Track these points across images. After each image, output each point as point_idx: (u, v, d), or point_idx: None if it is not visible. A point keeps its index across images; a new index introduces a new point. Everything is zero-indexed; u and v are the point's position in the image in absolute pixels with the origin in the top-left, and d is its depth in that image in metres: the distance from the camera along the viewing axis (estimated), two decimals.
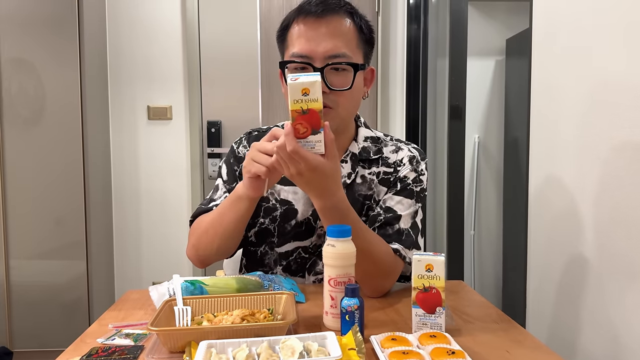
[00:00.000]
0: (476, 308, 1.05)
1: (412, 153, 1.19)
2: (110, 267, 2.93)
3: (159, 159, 2.96)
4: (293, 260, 1.18)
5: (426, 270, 0.87)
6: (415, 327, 0.88)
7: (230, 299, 0.93)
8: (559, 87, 1.26)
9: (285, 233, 1.17)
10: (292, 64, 1.07)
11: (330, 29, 1.05)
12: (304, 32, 1.06)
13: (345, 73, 1.06)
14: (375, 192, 1.16)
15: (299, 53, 1.05)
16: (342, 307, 0.85)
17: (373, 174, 1.16)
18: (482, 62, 2.92)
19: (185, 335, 0.79)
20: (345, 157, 1.17)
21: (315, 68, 1.04)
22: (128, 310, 1.02)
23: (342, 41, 1.05)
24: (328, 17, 1.05)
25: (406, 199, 1.14)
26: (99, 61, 2.79)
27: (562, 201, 1.25)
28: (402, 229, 1.11)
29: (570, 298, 1.21)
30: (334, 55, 1.04)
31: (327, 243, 0.90)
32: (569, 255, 1.21)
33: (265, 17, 2.99)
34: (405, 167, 1.17)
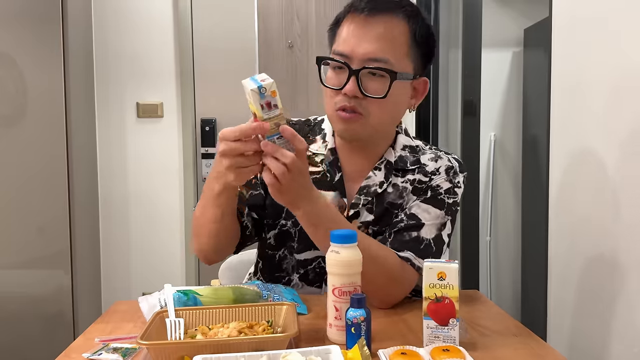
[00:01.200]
0: (493, 320, 1.05)
1: (450, 163, 1.18)
2: (97, 277, 2.93)
3: (149, 160, 2.97)
4: (312, 269, 1.19)
5: (438, 278, 0.87)
6: (426, 341, 0.88)
7: (227, 310, 0.93)
8: (581, 80, 1.26)
9: (307, 239, 1.14)
10: (328, 61, 1.08)
11: (377, 31, 1.05)
12: (351, 30, 1.07)
13: (382, 80, 1.05)
14: (406, 200, 1.16)
15: (339, 51, 1.07)
16: (347, 319, 0.85)
17: (407, 181, 1.16)
18: (498, 54, 2.92)
19: (178, 349, 0.79)
20: (380, 165, 1.17)
21: (350, 69, 1.04)
22: (116, 323, 1.02)
23: (388, 46, 1.05)
24: (378, 17, 1.05)
25: (434, 209, 1.13)
26: (85, 55, 2.80)
27: (585, 204, 1.25)
28: (422, 238, 1.11)
29: (595, 309, 1.21)
30: (374, 59, 1.04)
31: (330, 249, 0.91)
32: (593, 263, 1.21)
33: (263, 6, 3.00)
34: (440, 177, 1.16)
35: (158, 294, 1.00)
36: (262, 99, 0.88)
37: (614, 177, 1.13)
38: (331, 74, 1.09)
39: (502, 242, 3.01)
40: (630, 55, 1.08)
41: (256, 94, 0.88)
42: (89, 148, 2.84)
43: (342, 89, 1.05)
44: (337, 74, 1.08)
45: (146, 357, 0.82)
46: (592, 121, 1.22)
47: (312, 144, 1.20)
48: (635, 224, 1.06)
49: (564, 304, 1.35)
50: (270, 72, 1.08)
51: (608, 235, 1.15)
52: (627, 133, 1.08)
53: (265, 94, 0.88)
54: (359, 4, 1.06)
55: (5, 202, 2.49)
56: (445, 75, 2.82)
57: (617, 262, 1.12)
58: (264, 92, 0.88)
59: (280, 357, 0.74)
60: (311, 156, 1.17)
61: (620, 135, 1.11)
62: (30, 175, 2.50)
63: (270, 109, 0.88)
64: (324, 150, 1.19)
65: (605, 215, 1.17)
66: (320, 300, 1.10)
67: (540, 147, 2.67)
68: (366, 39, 1.04)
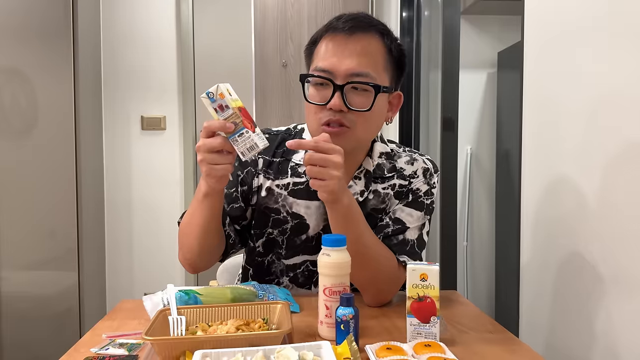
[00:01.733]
0: (470, 318, 1.05)
1: (426, 165, 1.18)
2: (102, 278, 2.90)
3: (152, 170, 2.96)
4: (300, 272, 1.18)
5: (420, 279, 0.88)
6: (409, 337, 0.88)
7: (225, 308, 0.93)
8: (551, 100, 1.28)
9: (294, 246, 1.16)
10: (313, 79, 1.05)
11: (357, 48, 1.03)
12: (331, 48, 1.05)
13: (366, 94, 1.04)
14: (388, 204, 1.15)
15: (322, 68, 1.04)
16: (337, 317, 0.85)
17: (388, 187, 1.15)
18: (474, 75, 2.95)
19: (180, 344, 0.78)
20: (359, 174, 1.15)
21: (335, 85, 1.02)
22: (122, 320, 1.02)
23: (368, 61, 1.04)
24: (357, 36, 1.04)
25: (416, 212, 1.14)
26: (93, 71, 2.79)
27: (555, 212, 1.26)
28: (407, 240, 1.11)
29: (565, 309, 1.22)
30: (357, 74, 1.02)
31: (321, 252, 0.91)
32: (563, 266, 1.22)
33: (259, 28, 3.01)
34: (418, 180, 1.16)
35: (161, 294, 1.00)
36: (212, 103, 0.89)
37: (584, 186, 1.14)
38: (313, 91, 1.06)
39: (478, 246, 3.03)
40: (596, 77, 1.10)
41: (207, 100, 0.89)
42: (96, 158, 2.82)
43: (327, 104, 1.02)
44: (320, 90, 1.05)
45: (150, 352, 0.81)
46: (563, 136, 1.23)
47: (295, 154, 1.16)
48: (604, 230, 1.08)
49: (535, 305, 1.36)
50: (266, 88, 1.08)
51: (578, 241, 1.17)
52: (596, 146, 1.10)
53: (214, 98, 0.88)
54: (337, 24, 1.05)
55: (18, 208, 2.47)
56: (426, 94, 2.84)
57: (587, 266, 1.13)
58: (213, 97, 0.88)
59: (275, 352, 0.74)
60: (294, 167, 1.16)
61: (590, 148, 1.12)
62: (41, 183, 2.49)
63: (223, 111, 0.89)
64: None
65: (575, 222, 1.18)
66: (311, 299, 1.10)
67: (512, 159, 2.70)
68: (347, 55, 1.02)
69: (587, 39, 1.12)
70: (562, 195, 1.22)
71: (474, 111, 2.99)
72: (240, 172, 1.16)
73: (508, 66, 2.78)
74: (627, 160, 0.98)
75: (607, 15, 1.05)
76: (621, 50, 1.00)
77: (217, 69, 2.97)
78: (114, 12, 2.90)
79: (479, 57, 2.94)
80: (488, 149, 3.00)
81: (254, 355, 0.74)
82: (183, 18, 2.92)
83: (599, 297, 1.07)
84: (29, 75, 2.46)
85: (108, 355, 0.83)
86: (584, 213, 1.13)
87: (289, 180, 1.15)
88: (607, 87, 1.05)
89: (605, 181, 1.06)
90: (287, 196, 1.14)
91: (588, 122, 1.12)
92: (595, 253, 1.09)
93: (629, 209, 0.98)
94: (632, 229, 0.97)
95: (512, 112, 2.70)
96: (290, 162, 1.16)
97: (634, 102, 0.96)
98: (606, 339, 1.05)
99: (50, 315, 2.51)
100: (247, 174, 1.16)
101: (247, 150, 0.90)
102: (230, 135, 0.89)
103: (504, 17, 2.92)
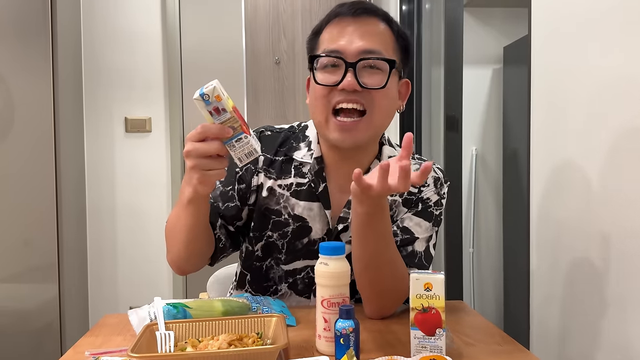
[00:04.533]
0: (478, 329, 1.05)
1: (436, 174, 1.17)
2: (84, 290, 2.89)
3: (137, 175, 2.95)
4: (300, 279, 1.17)
5: (425, 289, 0.87)
6: (414, 351, 0.88)
7: (216, 322, 0.92)
8: (560, 96, 1.28)
9: (295, 250, 1.15)
10: (322, 61, 1.05)
11: (365, 29, 1.04)
12: (337, 32, 1.05)
13: (379, 72, 1.04)
14: (396, 212, 1.15)
15: (331, 49, 1.04)
16: (336, 330, 0.85)
17: (396, 194, 1.14)
18: (479, 71, 2.96)
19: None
20: None
21: (347, 63, 1.02)
22: (106, 336, 1.01)
23: (377, 40, 1.04)
24: (364, 18, 1.05)
25: (425, 222, 1.13)
26: (74, 71, 2.78)
27: (567, 215, 1.26)
28: (416, 252, 1.11)
29: (579, 319, 1.22)
30: (368, 51, 1.02)
31: (319, 261, 0.91)
32: (577, 273, 1.22)
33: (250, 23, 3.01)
34: (429, 189, 1.15)
35: (148, 307, 0.99)
36: (207, 105, 0.84)
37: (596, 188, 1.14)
38: (321, 75, 1.05)
39: (485, 253, 3.03)
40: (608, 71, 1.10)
41: (201, 102, 0.84)
42: (77, 162, 2.81)
43: (338, 85, 1.01)
44: (330, 72, 1.04)
45: None
46: (573, 134, 1.24)
47: (297, 151, 1.16)
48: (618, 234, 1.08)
49: (547, 314, 1.36)
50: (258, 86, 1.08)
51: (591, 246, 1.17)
52: (607, 145, 1.10)
53: (210, 101, 0.84)
54: (341, 10, 1.06)
55: None
56: (428, 92, 2.84)
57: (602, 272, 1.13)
58: (208, 99, 0.84)
59: None
60: (298, 166, 1.15)
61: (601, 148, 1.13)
62: (18, 189, 2.47)
63: (219, 114, 0.85)
64: (310, 159, 1.15)
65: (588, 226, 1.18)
66: (308, 312, 1.10)
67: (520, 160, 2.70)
68: (357, 36, 1.03)
69: (597, 31, 1.13)
70: (573, 197, 1.23)
71: (479, 110, 3.00)
72: (238, 169, 1.16)
73: (514, 61, 2.79)
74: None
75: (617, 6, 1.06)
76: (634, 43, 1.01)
77: (206, 67, 2.97)
78: (95, 6, 2.90)
79: (484, 52, 2.95)
80: (494, 149, 3.00)
81: None
82: (169, 12, 2.91)
83: (615, 304, 1.07)
84: (4, 74, 2.45)
85: None
86: (597, 215, 1.13)
87: (292, 181, 1.15)
88: (620, 82, 1.05)
89: (619, 181, 1.06)
90: (289, 197, 1.14)
91: (600, 119, 1.12)
92: (609, 258, 1.09)
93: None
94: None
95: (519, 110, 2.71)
96: (293, 161, 1.16)
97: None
98: (623, 351, 1.05)
99: (29, 330, 2.50)
100: (246, 171, 1.15)
101: (244, 156, 0.88)
102: (227, 140, 0.87)
103: (509, 9, 2.93)
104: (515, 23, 2.87)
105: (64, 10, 2.60)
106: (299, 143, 1.17)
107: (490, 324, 1.09)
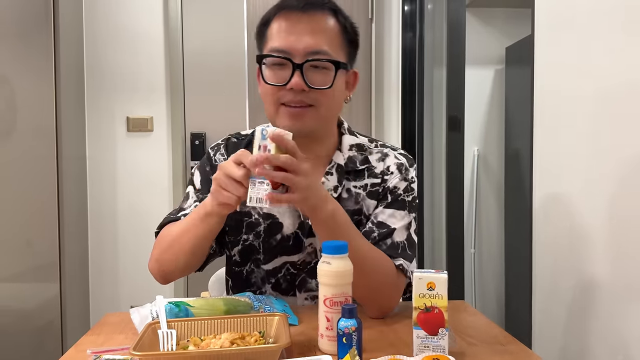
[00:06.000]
0: (480, 329, 1.05)
1: (399, 160, 1.18)
2: (85, 289, 2.89)
3: (139, 174, 2.94)
4: (282, 277, 1.17)
5: (428, 288, 0.87)
6: (416, 350, 0.87)
7: (218, 321, 0.92)
8: (563, 97, 1.28)
9: (271, 248, 1.16)
10: (270, 59, 1.07)
11: (312, 25, 1.06)
12: (285, 27, 1.06)
13: (326, 71, 1.06)
14: (363, 205, 1.15)
15: (278, 47, 1.06)
16: (338, 329, 0.84)
17: (359, 187, 1.15)
18: (481, 71, 2.96)
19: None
20: (331, 169, 1.15)
21: (294, 64, 1.04)
22: (107, 335, 1.01)
23: (324, 38, 1.06)
24: (310, 13, 1.06)
25: (399, 211, 1.13)
26: (76, 70, 2.78)
27: (569, 216, 1.26)
28: (396, 242, 1.11)
29: (580, 319, 1.21)
30: (315, 52, 1.05)
31: (322, 260, 0.90)
32: (578, 274, 1.22)
33: (252, 24, 3.01)
34: (394, 177, 1.15)
35: (150, 306, 0.99)
36: (262, 140, 0.91)
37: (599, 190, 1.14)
38: (270, 72, 1.07)
39: (486, 253, 3.02)
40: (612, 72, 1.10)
41: (259, 134, 0.91)
42: (79, 161, 2.81)
43: (286, 85, 1.04)
44: (277, 70, 1.06)
45: None
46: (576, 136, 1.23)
47: None
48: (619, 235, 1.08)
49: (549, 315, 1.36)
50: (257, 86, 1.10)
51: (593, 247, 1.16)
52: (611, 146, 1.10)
53: (266, 137, 0.91)
54: (290, 2, 1.07)
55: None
56: (430, 92, 2.84)
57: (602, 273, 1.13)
58: (265, 135, 0.91)
59: None
60: None
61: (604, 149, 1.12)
62: (20, 189, 2.47)
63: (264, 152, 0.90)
64: None
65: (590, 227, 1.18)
66: (310, 311, 1.10)
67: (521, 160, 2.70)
68: (304, 34, 1.05)
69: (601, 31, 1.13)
70: (577, 198, 1.22)
71: (481, 110, 3.00)
72: (212, 176, 1.16)
73: (517, 62, 2.78)
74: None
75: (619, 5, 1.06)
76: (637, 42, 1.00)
77: (208, 67, 2.96)
78: (97, 6, 2.89)
79: (486, 52, 2.94)
80: (496, 150, 3.00)
81: None
82: (171, 12, 2.91)
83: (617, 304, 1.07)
84: (6, 74, 2.45)
85: None
86: (600, 215, 1.13)
87: None
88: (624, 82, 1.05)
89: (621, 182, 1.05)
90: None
91: (604, 119, 1.12)
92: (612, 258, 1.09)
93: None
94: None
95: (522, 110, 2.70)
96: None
97: None
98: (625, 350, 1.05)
99: (30, 329, 2.49)
100: None
101: (256, 199, 0.91)
102: (254, 177, 0.90)
103: (511, 9, 2.93)
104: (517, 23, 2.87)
105: (66, 9, 2.59)
106: None
107: (492, 324, 1.08)
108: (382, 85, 3.00)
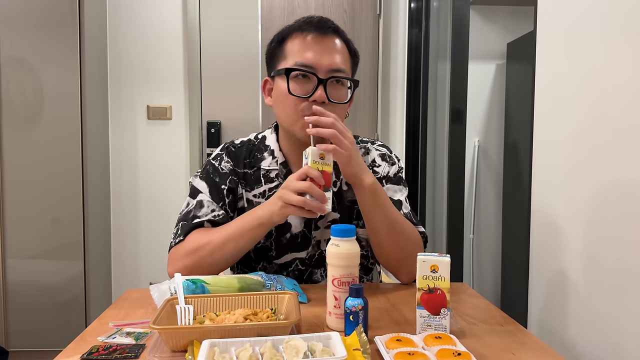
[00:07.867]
0: (479, 310, 1.04)
1: (380, 150, 1.26)
2: (108, 267, 2.91)
3: (158, 159, 2.95)
4: (291, 271, 1.21)
5: (431, 270, 0.86)
6: (419, 329, 0.87)
7: (233, 298, 0.92)
8: (563, 92, 1.26)
9: (282, 245, 1.19)
10: (295, 72, 1.09)
11: (330, 45, 1.11)
12: (309, 44, 1.10)
13: (342, 87, 1.12)
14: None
15: (304, 62, 1.09)
16: (346, 307, 0.84)
17: None
18: (483, 66, 2.93)
19: (188, 334, 0.78)
20: None
21: (319, 79, 1.07)
22: (128, 309, 1.01)
23: (342, 58, 1.12)
24: (328, 35, 1.12)
25: (396, 186, 1.22)
26: (99, 61, 2.78)
27: (568, 203, 1.24)
28: (406, 213, 1.19)
29: (574, 303, 1.20)
30: (337, 69, 1.10)
31: (331, 243, 0.90)
32: (574, 260, 1.21)
33: (266, 17, 2.99)
34: (383, 167, 1.23)
35: (168, 282, 0.99)
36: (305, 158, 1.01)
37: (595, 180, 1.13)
38: (294, 84, 1.09)
39: (484, 239, 3.01)
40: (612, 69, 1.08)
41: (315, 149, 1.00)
42: (102, 147, 2.82)
43: (309, 97, 1.07)
44: (302, 83, 1.09)
45: (157, 341, 0.81)
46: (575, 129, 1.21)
47: (262, 161, 1.20)
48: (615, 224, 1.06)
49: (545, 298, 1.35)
50: None
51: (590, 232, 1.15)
52: (608, 139, 1.08)
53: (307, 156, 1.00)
54: (306, 26, 1.11)
55: (24, 198, 2.48)
56: (434, 85, 2.81)
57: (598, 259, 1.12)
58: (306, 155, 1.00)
59: (284, 342, 0.73)
60: (265, 174, 1.19)
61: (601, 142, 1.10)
62: (47, 173, 2.49)
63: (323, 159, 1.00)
64: (276, 166, 1.19)
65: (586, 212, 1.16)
66: (318, 290, 1.10)
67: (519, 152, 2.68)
68: (327, 52, 1.09)
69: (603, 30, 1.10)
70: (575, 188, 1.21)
71: (482, 103, 2.97)
72: (224, 185, 1.18)
73: (517, 57, 2.75)
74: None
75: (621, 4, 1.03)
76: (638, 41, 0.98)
77: (224, 59, 2.95)
78: (121, 1, 2.88)
79: (488, 48, 2.91)
80: (496, 141, 2.97)
81: (262, 345, 0.73)
82: (189, 6, 2.90)
83: (612, 286, 1.06)
84: (34, 64, 2.46)
85: (115, 344, 0.82)
86: (598, 204, 1.11)
87: (264, 188, 1.19)
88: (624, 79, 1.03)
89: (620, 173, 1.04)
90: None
91: (603, 114, 1.10)
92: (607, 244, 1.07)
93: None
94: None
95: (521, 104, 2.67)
96: (260, 170, 1.20)
97: None
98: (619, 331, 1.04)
99: (56, 303, 2.52)
100: (230, 182, 1.19)
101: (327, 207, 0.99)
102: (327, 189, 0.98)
103: (513, 7, 2.89)
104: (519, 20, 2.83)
105: (91, 4, 2.59)
106: (263, 153, 1.21)
107: (491, 305, 1.08)
108: (389, 78, 2.97)
